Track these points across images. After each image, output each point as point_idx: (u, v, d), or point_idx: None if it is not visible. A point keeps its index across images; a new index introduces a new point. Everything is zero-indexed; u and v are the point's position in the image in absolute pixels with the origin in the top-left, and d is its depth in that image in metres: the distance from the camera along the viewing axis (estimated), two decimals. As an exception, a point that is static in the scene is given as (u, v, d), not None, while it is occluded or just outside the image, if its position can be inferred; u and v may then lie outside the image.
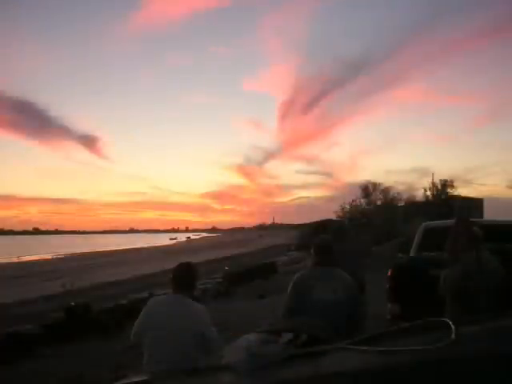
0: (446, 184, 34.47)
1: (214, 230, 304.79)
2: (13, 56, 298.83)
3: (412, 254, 6.37)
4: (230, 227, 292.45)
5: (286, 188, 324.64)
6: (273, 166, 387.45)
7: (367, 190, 34.83)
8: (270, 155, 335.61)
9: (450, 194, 33.48)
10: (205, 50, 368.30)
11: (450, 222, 4.57)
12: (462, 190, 36.48)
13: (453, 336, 1.28)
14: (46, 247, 78.48)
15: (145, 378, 1.66)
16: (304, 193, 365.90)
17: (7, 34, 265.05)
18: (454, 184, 34.74)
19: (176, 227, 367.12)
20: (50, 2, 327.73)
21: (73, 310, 11.80)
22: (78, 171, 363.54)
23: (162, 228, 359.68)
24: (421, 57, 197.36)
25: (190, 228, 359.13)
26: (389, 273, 5.72)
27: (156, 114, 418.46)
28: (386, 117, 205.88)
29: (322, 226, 25.45)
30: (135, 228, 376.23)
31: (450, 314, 3.61)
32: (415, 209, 29.89)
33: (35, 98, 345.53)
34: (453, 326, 1.33)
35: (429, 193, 34.97)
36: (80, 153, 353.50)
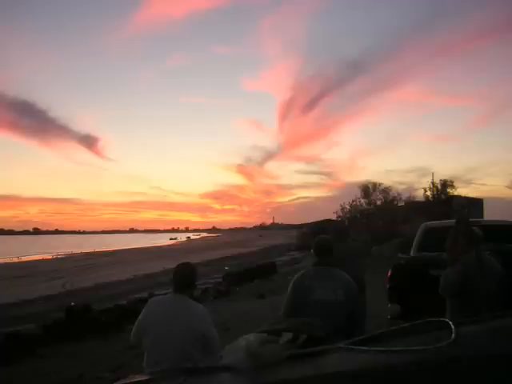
0: (446, 184, 34.53)
1: (214, 230, 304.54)
2: (13, 56, 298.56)
3: (412, 253, 6.37)
4: (230, 227, 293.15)
5: (285, 188, 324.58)
6: (273, 166, 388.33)
7: (367, 190, 34.79)
8: (269, 155, 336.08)
9: (449, 194, 33.48)
10: (205, 50, 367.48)
11: (450, 222, 4.58)
12: (461, 190, 36.58)
13: (453, 336, 1.28)
14: (46, 247, 78.46)
15: (145, 377, 1.65)
16: (304, 193, 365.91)
17: (7, 34, 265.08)
18: (454, 184, 34.85)
19: (176, 227, 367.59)
20: (50, 2, 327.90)
21: (73, 310, 11.81)
22: (78, 171, 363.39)
23: (162, 228, 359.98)
24: (420, 57, 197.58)
25: (190, 228, 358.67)
26: (389, 273, 5.72)
27: (156, 114, 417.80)
28: (386, 117, 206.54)
29: (321, 226, 25.50)
30: (135, 228, 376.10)
31: (450, 314, 3.61)
32: (415, 209, 29.86)
33: (35, 98, 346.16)
34: (453, 326, 1.33)
35: (429, 193, 35.02)
36: (80, 153, 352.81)
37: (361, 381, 1.24)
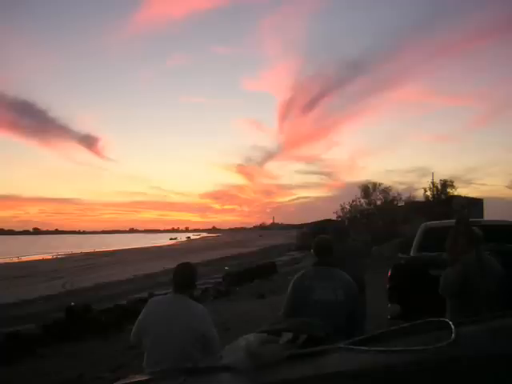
0: (446, 184, 34.55)
1: (214, 230, 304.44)
2: (13, 56, 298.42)
3: (412, 253, 6.37)
4: (230, 227, 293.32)
5: (285, 188, 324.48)
6: (273, 166, 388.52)
7: (367, 190, 34.79)
8: (269, 155, 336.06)
9: (450, 194, 33.49)
10: (205, 50, 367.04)
11: (450, 222, 4.57)
12: (461, 190, 36.60)
13: (453, 336, 1.28)
14: (46, 247, 78.44)
15: (145, 377, 1.65)
16: (304, 193, 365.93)
17: (7, 34, 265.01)
18: (454, 184, 34.87)
19: (176, 227, 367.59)
20: (50, 2, 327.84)
21: (73, 310, 11.81)
22: (78, 171, 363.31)
23: (162, 228, 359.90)
24: (420, 57, 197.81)
25: (190, 228, 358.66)
26: (389, 273, 5.73)
27: (156, 114, 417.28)
28: (386, 117, 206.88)
29: (321, 226, 25.50)
30: (135, 228, 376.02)
31: (450, 314, 3.61)
32: (415, 209, 29.87)
33: (35, 97, 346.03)
34: (453, 326, 1.33)
35: (429, 193, 35.03)
36: (80, 153, 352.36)
37: (361, 381, 1.23)
